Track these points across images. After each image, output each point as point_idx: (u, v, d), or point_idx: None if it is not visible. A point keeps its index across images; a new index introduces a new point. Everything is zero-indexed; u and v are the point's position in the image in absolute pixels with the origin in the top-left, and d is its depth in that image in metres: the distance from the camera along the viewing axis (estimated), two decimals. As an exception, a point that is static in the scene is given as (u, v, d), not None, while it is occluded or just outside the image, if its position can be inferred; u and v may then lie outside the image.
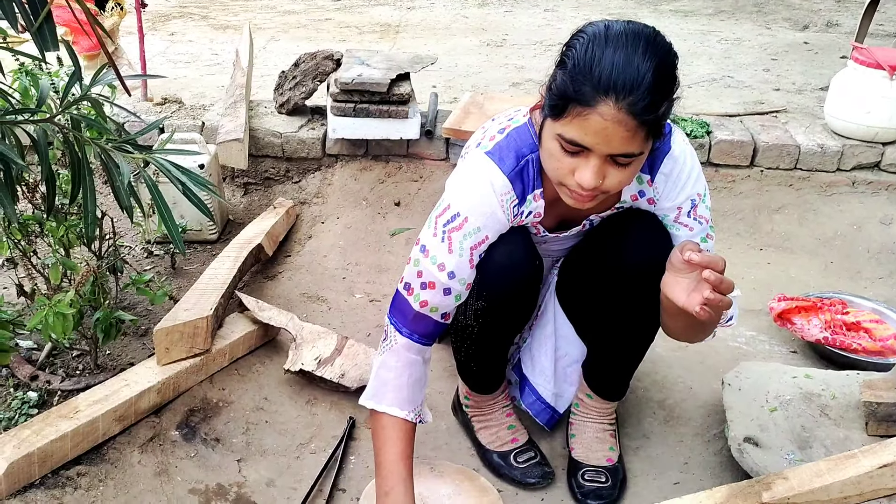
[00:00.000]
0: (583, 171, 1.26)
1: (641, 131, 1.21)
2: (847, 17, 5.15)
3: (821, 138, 2.85)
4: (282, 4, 5.78)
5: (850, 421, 1.70)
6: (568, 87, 1.22)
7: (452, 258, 1.43)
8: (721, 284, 1.26)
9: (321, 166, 2.92)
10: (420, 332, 1.49)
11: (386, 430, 1.49)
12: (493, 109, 2.83)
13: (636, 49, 1.20)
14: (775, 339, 2.25)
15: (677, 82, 1.26)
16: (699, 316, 1.29)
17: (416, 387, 1.52)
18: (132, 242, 2.52)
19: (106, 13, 3.20)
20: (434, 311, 1.47)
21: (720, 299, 1.27)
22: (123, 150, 1.48)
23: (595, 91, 1.19)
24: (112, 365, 1.92)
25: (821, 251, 2.66)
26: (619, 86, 1.18)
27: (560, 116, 1.24)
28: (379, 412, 1.50)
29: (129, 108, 2.95)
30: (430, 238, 1.45)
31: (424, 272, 1.45)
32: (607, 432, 1.79)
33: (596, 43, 1.22)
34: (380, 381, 1.52)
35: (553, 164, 1.31)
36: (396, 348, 1.50)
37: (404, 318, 1.49)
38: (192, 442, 1.74)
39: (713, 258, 1.28)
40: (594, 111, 1.19)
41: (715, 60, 4.22)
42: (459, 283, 1.45)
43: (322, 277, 2.48)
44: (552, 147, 1.29)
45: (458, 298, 1.48)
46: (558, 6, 5.72)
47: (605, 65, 1.19)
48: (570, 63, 1.23)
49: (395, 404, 1.50)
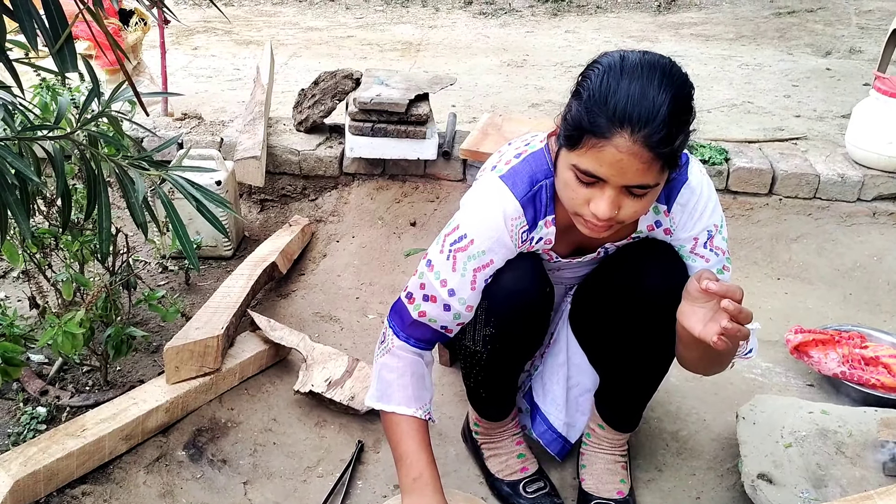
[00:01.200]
0: (598, 201, 1.25)
1: (657, 163, 1.20)
2: (870, 43, 5.11)
3: (841, 168, 2.81)
4: (305, 21, 5.84)
5: (866, 460, 1.66)
6: (583, 118, 1.21)
7: (455, 277, 1.44)
8: (739, 314, 1.24)
9: (338, 185, 2.93)
10: (417, 337, 1.52)
11: (400, 426, 1.51)
12: (510, 131, 2.82)
13: (651, 81, 1.19)
14: (791, 371, 2.21)
15: (693, 113, 1.25)
16: (716, 346, 1.27)
17: (419, 384, 1.53)
18: (147, 257, 2.53)
19: (130, 28, 3.24)
20: (433, 322, 1.49)
21: (738, 329, 1.25)
22: (139, 167, 1.49)
23: (610, 123, 1.18)
24: (122, 381, 1.93)
25: (839, 282, 2.62)
26: (635, 118, 1.17)
27: (575, 147, 1.24)
28: (388, 412, 1.52)
29: (149, 124, 2.98)
30: (437, 255, 1.47)
31: (427, 285, 1.47)
32: (619, 464, 1.76)
33: (611, 74, 1.21)
34: (383, 383, 1.53)
35: (568, 194, 1.30)
36: (394, 350, 1.53)
37: (402, 322, 1.52)
38: (198, 463, 1.73)
39: (731, 287, 1.26)
40: (609, 143, 1.19)
41: (735, 86, 4.20)
42: (459, 302, 1.46)
43: (335, 297, 2.47)
44: (567, 177, 1.28)
45: (457, 317, 1.48)
46: (579, 28, 5.73)
47: (621, 96, 1.18)
48: (585, 94, 1.23)
49: (402, 403, 1.51)
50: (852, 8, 6.13)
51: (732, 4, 6.30)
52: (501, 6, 6.25)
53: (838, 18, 5.87)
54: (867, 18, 5.87)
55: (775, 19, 5.86)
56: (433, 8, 6.25)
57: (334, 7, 6.29)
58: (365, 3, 6.39)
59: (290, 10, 6.22)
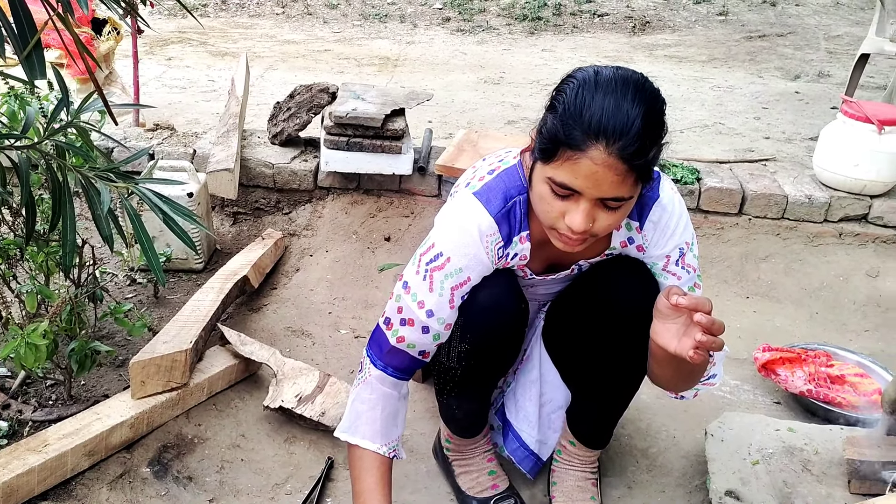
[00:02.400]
0: (573, 214, 1.26)
1: (631, 176, 1.22)
2: (838, 68, 5.22)
3: (809, 189, 2.86)
4: (282, 34, 5.83)
5: (832, 478, 1.68)
6: (558, 131, 1.22)
7: (433, 297, 1.42)
8: (713, 326, 1.25)
9: (312, 198, 2.91)
10: (394, 366, 1.49)
11: (362, 461, 1.49)
12: (486, 147, 2.84)
13: (625, 95, 1.20)
14: (759, 388, 2.24)
15: (665, 128, 1.27)
16: (693, 360, 1.27)
17: (389, 421, 1.51)
18: (115, 269, 2.49)
19: (102, 37, 3.21)
20: (411, 348, 1.47)
21: (713, 341, 1.25)
22: (107, 179, 1.47)
23: (585, 136, 1.19)
24: (86, 396, 1.89)
25: (806, 301, 2.66)
26: (610, 131, 1.18)
27: (551, 160, 1.24)
28: (352, 444, 1.50)
29: (120, 135, 2.95)
30: (413, 275, 1.45)
31: (405, 308, 1.45)
32: (589, 481, 1.76)
33: (586, 88, 1.22)
34: (354, 414, 1.51)
35: (543, 207, 1.30)
36: (370, 380, 1.50)
37: (380, 350, 1.49)
38: (163, 480, 1.70)
39: (700, 300, 1.27)
40: (584, 155, 1.20)
41: (707, 107, 4.27)
42: (438, 322, 1.44)
43: (308, 311, 2.46)
44: (542, 190, 1.28)
45: (436, 338, 1.47)
46: (556, 47, 5.79)
47: (595, 110, 1.19)
48: (560, 108, 1.24)
49: (367, 437, 1.49)
50: (821, 33, 6.27)
51: (705, 28, 6.41)
52: (479, 23, 6.30)
53: (807, 43, 5.99)
54: (835, 43, 6.00)
55: (746, 43, 5.97)
56: (411, 24, 6.28)
57: (312, 20, 6.29)
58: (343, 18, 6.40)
59: (268, 22, 6.21)
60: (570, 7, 6.68)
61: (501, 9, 6.63)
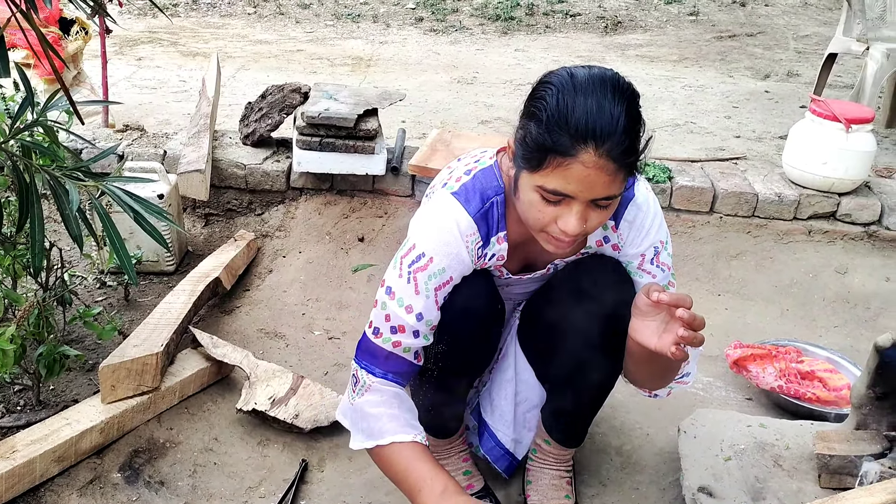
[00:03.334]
0: (566, 218, 1.26)
1: (621, 173, 1.23)
2: (807, 67, 5.30)
3: (778, 187, 2.90)
4: (253, 34, 5.78)
5: (803, 473, 1.70)
6: (545, 138, 1.22)
7: (420, 300, 1.41)
8: (694, 321, 1.26)
9: (285, 199, 2.89)
10: (394, 371, 1.45)
11: (403, 453, 1.40)
12: (459, 147, 2.84)
13: (605, 94, 1.21)
14: (731, 385, 2.26)
15: (643, 120, 1.27)
16: (675, 356, 1.27)
17: (409, 414, 1.46)
18: (85, 272, 2.46)
19: (70, 37, 3.16)
20: (407, 352, 1.44)
21: (694, 336, 1.26)
22: (75, 178, 1.44)
23: (573, 140, 1.19)
24: (55, 401, 1.86)
25: (777, 298, 2.70)
26: (598, 133, 1.19)
27: (539, 168, 1.24)
28: (384, 446, 1.41)
29: (88, 136, 2.90)
30: (396, 279, 1.42)
31: (392, 315, 1.42)
32: (563, 479, 1.77)
33: (565, 92, 1.22)
34: (371, 419, 1.43)
35: (534, 215, 1.30)
36: (374, 388, 1.44)
37: (375, 359, 1.44)
38: (134, 485, 1.68)
39: (681, 296, 1.27)
40: (575, 160, 1.20)
41: (679, 106, 4.31)
42: (426, 324, 1.43)
43: (281, 313, 2.44)
44: (532, 198, 1.28)
45: (426, 339, 1.45)
46: (529, 47, 5.81)
47: (580, 114, 1.20)
48: (543, 115, 1.23)
49: (399, 432, 1.41)
50: (790, 33, 6.36)
51: (676, 28, 6.48)
52: (452, 24, 6.30)
53: (777, 43, 6.07)
54: (804, 43, 6.09)
55: (717, 43, 6.03)
56: (384, 24, 6.27)
57: (284, 20, 6.25)
58: (315, 18, 6.36)
59: (239, 22, 6.16)
60: (542, 7, 6.70)
61: (474, 9, 6.64)
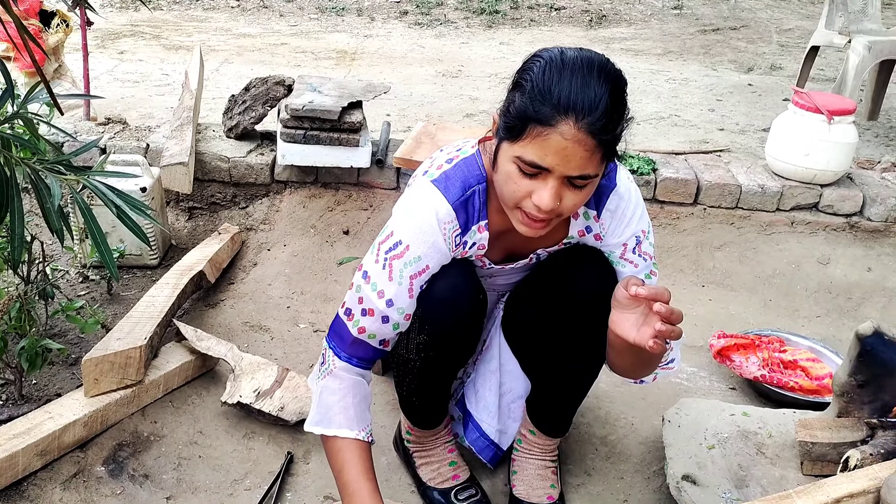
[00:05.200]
0: (541, 192, 1.26)
1: (599, 152, 1.23)
2: (790, 60, 5.33)
3: (761, 179, 2.92)
4: (237, 27, 5.75)
5: (786, 460, 1.72)
6: (528, 107, 1.23)
7: (392, 286, 1.42)
8: (671, 315, 1.27)
9: (269, 192, 2.88)
10: (359, 357, 1.49)
11: (342, 451, 1.47)
12: (444, 139, 2.83)
13: (591, 73, 1.22)
14: (715, 375, 2.28)
15: (628, 107, 1.29)
16: (652, 350, 1.29)
17: (362, 405, 1.50)
18: (67, 266, 2.44)
19: (51, 30, 3.12)
20: (372, 338, 1.46)
21: (671, 330, 1.27)
22: (56, 172, 1.43)
23: (555, 111, 1.20)
24: (38, 395, 1.84)
25: (760, 289, 2.72)
26: (579, 106, 1.20)
27: (519, 138, 1.25)
28: (329, 436, 1.48)
29: (70, 129, 2.88)
30: (373, 264, 1.44)
31: (365, 298, 1.44)
32: (549, 469, 1.78)
33: (553, 67, 1.24)
34: (324, 406, 1.49)
35: (510, 188, 1.30)
36: (336, 372, 1.49)
37: (343, 342, 1.48)
38: (118, 478, 1.67)
39: (659, 290, 1.29)
40: (554, 130, 1.21)
41: (663, 99, 4.32)
42: (398, 312, 1.44)
43: (266, 306, 2.43)
44: (510, 169, 1.29)
45: (395, 327, 1.46)
46: (514, 40, 5.81)
47: (564, 87, 1.21)
48: (528, 85, 1.25)
49: (344, 426, 1.47)
50: (773, 27, 6.39)
51: (660, 21, 6.49)
52: (437, 17, 6.28)
53: (760, 36, 6.11)
54: (787, 37, 6.13)
55: (701, 36, 6.06)
56: (368, 17, 6.24)
57: (268, 14, 6.21)
58: (299, 11, 6.33)
59: (223, 15, 6.11)
60: (527, 1, 6.70)
61: (459, 2, 6.62)
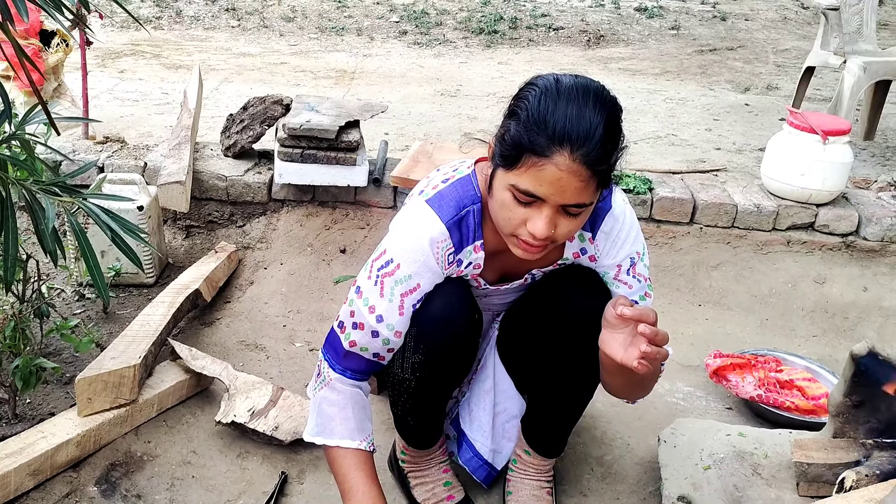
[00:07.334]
0: (535, 221, 1.27)
1: (594, 181, 1.24)
2: (786, 81, 5.36)
3: (757, 198, 2.93)
4: (237, 47, 5.78)
5: (781, 481, 1.71)
6: (523, 137, 1.23)
7: (383, 303, 1.43)
8: (656, 337, 1.27)
9: (266, 211, 2.89)
10: (352, 369, 1.50)
11: (345, 459, 1.48)
12: (441, 159, 2.85)
13: (587, 102, 1.22)
14: (711, 395, 2.27)
15: (623, 134, 1.29)
16: (638, 370, 1.29)
17: (362, 415, 1.52)
18: (63, 284, 2.44)
19: (51, 49, 3.15)
20: (364, 351, 1.48)
21: (657, 352, 1.27)
22: (52, 193, 1.44)
23: (550, 142, 1.21)
24: (31, 414, 1.84)
25: (756, 308, 2.72)
26: (574, 137, 1.20)
27: (514, 167, 1.25)
28: (331, 447, 1.49)
29: (68, 148, 2.89)
30: (366, 280, 1.46)
31: (356, 312, 1.46)
32: (544, 490, 1.77)
33: (548, 95, 1.24)
34: (324, 417, 1.50)
35: (505, 215, 1.31)
36: (332, 384, 1.50)
37: (336, 354, 1.50)
38: (111, 499, 1.66)
39: (644, 311, 1.29)
40: (549, 161, 1.21)
41: (660, 118, 4.34)
42: (387, 328, 1.45)
43: (262, 325, 2.43)
44: (504, 197, 1.29)
45: (385, 342, 1.47)
46: (512, 60, 5.84)
47: (559, 117, 1.21)
48: (523, 114, 1.25)
49: (346, 436, 1.49)
50: (770, 47, 6.43)
51: (657, 41, 6.54)
52: (436, 37, 6.33)
53: (756, 57, 6.15)
54: (783, 57, 6.17)
55: (698, 56, 6.10)
56: (368, 37, 6.28)
57: (268, 34, 6.25)
58: (299, 31, 6.37)
59: (223, 35, 6.15)
60: (525, 21, 6.75)
61: (458, 22, 6.67)
